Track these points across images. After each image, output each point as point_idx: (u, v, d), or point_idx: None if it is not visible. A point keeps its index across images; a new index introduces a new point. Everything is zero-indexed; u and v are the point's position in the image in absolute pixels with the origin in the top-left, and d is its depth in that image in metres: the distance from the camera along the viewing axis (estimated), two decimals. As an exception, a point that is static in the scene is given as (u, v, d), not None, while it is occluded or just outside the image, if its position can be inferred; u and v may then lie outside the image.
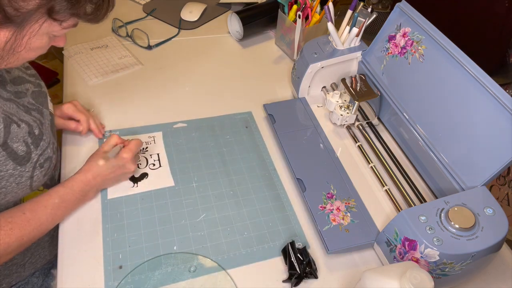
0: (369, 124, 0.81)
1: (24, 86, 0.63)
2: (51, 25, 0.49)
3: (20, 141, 0.56)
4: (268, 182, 0.73)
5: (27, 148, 0.57)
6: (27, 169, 0.57)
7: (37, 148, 0.59)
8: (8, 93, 0.58)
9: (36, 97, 0.64)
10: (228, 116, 0.84)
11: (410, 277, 0.45)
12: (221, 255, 0.62)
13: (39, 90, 0.65)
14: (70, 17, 0.50)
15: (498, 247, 0.55)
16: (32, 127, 0.58)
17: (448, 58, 0.65)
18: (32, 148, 0.58)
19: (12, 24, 0.47)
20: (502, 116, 0.58)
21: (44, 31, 0.50)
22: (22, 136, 0.56)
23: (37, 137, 0.59)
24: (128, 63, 0.94)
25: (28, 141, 0.57)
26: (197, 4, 1.12)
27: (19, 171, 0.56)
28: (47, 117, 0.63)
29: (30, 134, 0.58)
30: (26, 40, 0.49)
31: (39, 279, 0.73)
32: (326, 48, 0.81)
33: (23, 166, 0.57)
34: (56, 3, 0.47)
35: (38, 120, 0.60)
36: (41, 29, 0.49)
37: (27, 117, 0.58)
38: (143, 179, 0.70)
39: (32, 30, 0.49)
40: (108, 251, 0.61)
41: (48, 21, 0.49)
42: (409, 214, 0.57)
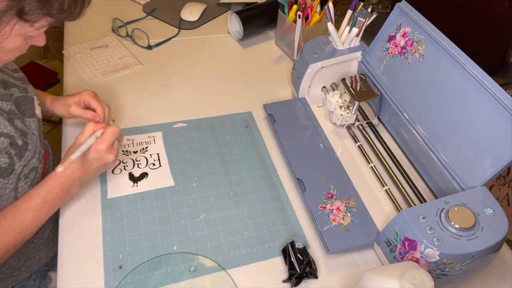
0: (369, 124, 0.81)
1: (9, 90, 0.61)
2: (22, 26, 0.48)
3: (2, 153, 0.54)
4: (268, 182, 0.73)
5: (10, 160, 0.55)
6: (10, 181, 0.56)
7: (21, 159, 0.57)
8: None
9: (20, 104, 0.62)
10: (228, 116, 0.84)
11: (410, 277, 0.45)
12: (221, 255, 0.62)
13: (25, 96, 0.63)
14: (42, 17, 0.48)
15: (498, 247, 0.55)
16: (13, 138, 0.56)
17: (448, 58, 0.65)
18: (16, 159, 0.56)
19: None
20: (502, 116, 0.58)
21: (16, 32, 0.48)
22: (4, 148, 0.55)
23: (21, 147, 0.57)
24: (128, 63, 0.94)
25: (11, 152, 0.56)
26: (197, 4, 1.12)
27: (1, 184, 0.55)
28: (30, 126, 0.61)
29: (12, 145, 0.56)
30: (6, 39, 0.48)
31: (36, 282, 0.72)
32: (326, 48, 0.81)
33: (6, 178, 0.55)
34: (25, 3, 0.45)
35: (20, 131, 0.58)
36: (13, 31, 0.48)
37: (8, 127, 0.56)
38: (143, 179, 0.70)
39: (4, 33, 0.47)
40: (108, 251, 0.61)
41: (19, 23, 0.47)
42: (409, 214, 0.57)
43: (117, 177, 0.70)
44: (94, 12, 1.06)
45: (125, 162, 0.72)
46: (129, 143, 0.76)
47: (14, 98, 0.61)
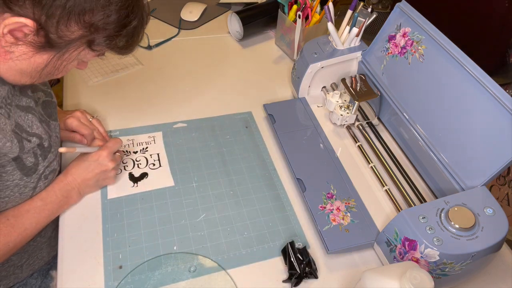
0: (369, 124, 0.81)
1: (37, 94, 0.64)
2: (86, 53, 0.52)
3: (30, 153, 0.57)
4: (268, 182, 0.73)
5: (35, 159, 0.57)
6: (32, 180, 0.58)
7: (45, 160, 0.59)
8: (28, 98, 0.59)
9: (46, 108, 0.64)
10: (228, 116, 0.84)
11: (410, 277, 0.45)
12: (221, 255, 0.62)
13: (50, 100, 0.66)
14: (106, 49, 0.53)
15: (498, 247, 0.55)
16: (42, 139, 0.59)
17: (448, 58, 0.65)
18: (40, 160, 0.58)
19: (53, 49, 0.50)
20: (502, 116, 0.58)
21: (79, 58, 0.53)
22: (32, 148, 0.57)
23: (46, 149, 0.59)
24: (128, 63, 0.94)
25: (37, 152, 0.58)
26: (197, 4, 1.12)
27: (24, 182, 0.57)
28: (54, 129, 0.64)
29: (39, 146, 0.58)
30: (64, 65, 0.52)
31: (38, 280, 0.72)
32: (326, 48, 0.81)
33: (29, 177, 0.57)
34: (96, 36, 0.50)
35: (47, 133, 0.61)
36: (78, 56, 0.52)
37: (40, 128, 0.59)
38: (143, 179, 0.70)
39: (70, 57, 0.52)
40: (108, 251, 0.61)
41: (86, 50, 0.52)
42: (409, 214, 0.57)
43: (117, 177, 0.70)
44: (94, 12, 1.06)
45: (125, 162, 0.72)
46: (129, 143, 0.76)
47: (41, 101, 0.63)
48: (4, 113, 0.53)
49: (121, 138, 0.76)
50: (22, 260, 0.68)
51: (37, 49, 0.49)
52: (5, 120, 0.53)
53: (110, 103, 0.84)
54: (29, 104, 0.59)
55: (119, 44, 0.53)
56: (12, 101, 0.56)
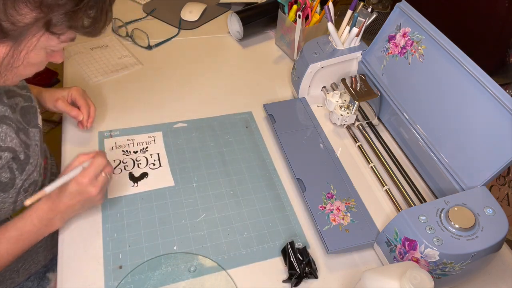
0: (369, 124, 0.81)
1: (15, 100, 0.60)
2: (48, 38, 0.48)
3: (4, 168, 0.53)
4: (268, 182, 0.73)
5: (11, 174, 0.54)
6: (10, 195, 0.55)
7: (22, 173, 0.56)
8: (4, 106, 0.55)
9: (24, 114, 0.61)
10: (228, 116, 0.84)
11: (410, 277, 0.45)
12: (221, 255, 0.62)
13: (29, 105, 0.62)
14: (68, 30, 0.48)
15: (498, 247, 0.55)
16: (16, 152, 0.55)
17: (448, 58, 0.65)
18: (17, 174, 0.55)
19: (8, 39, 0.46)
20: (502, 116, 0.58)
21: (41, 45, 0.48)
22: (6, 163, 0.54)
23: (22, 162, 0.56)
24: (128, 63, 0.94)
25: (13, 167, 0.54)
26: (197, 4, 1.12)
27: (1, 198, 0.54)
28: (34, 137, 0.60)
29: (14, 160, 0.55)
30: (23, 54, 0.48)
31: (34, 283, 0.72)
32: (326, 48, 0.81)
33: (6, 193, 0.54)
34: (53, 16, 0.45)
35: (24, 143, 0.57)
36: (39, 43, 0.48)
37: (15, 140, 0.55)
38: (143, 179, 0.70)
39: (30, 45, 0.47)
40: (108, 251, 0.61)
41: (45, 35, 0.47)
42: (409, 214, 0.57)
43: (117, 177, 0.70)
44: (94, 12, 1.06)
45: (125, 162, 0.72)
46: (129, 143, 0.76)
47: (20, 108, 0.60)
48: None
49: (121, 138, 0.76)
50: (19, 265, 0.68)
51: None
52: None
53: (110, 103, 0.84)
54: (4, 113, 0.55)
55: (84, 23, 0.48)
56: None
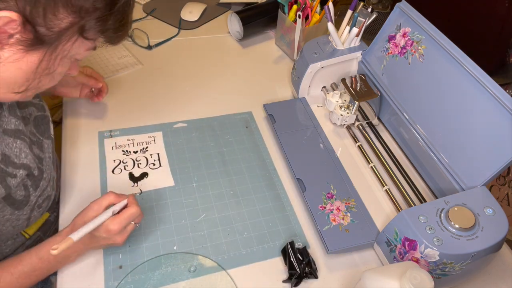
0: (369, 124, 0.81)
1: (28, 110, 0.58)
2: (79, 45, 0.47)
3: (19, 186, 0.52)
4: (268, 182, 0.72)
5: (25, 191, 0.53)
6: (24, 212, 0.54)
7: (37, 189, 0.54)
8: (17, 120, 0.53)
9: (38, 125, 0.59)
10: (228, 116, 0.84)
11: (410, 277, 0.45)
12: (221, 255, 0.62)
13: (42, 115, 0.61)
14: (98, 36, 0.48)
15: (498, 247, 0.55)
16: (31, 168, 0.53)
17: (448, 58, 0.65)
18: (31, 190, 0.54)
19: (43, 46, 0.44)
20: (502, 116, 0.58)
21: (72, 52, 0.47)
22: (21, 181, 0.52)
23: (36, 178, 0.54)
24: (128, 63, 0.94)
25: (27, 184, 0.53)
26: (197, 4, 1.12)
27: (16, 215, 0.53)
28: (47, 149, 0.59)
29: (29, 176, 0.53)
30: (57, 63, 0.47)
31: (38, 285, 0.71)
32: (326, 48, 0.81)
33: (21, 210, 0.53)
34: (87, 20, 0.45)
35: (37, 158, 0.55)
36: (72, 49, 0.47)
37: (29, 156, 0.53)
38: (143, 178, 0.70)
39: (64, 51, 0.46)
40: (108, 251, 0.61)
41: (78, 40, 0.46)
42: (409, 214, 0.57)
43: (117, 177, 0.70)
44: (94, 12, 1.06)
45: (125, 162, 0.72)
46: (129, 143, 0.76)
47: (33, 118, 0.58)
48: None
49: (121, 138, 0.76)
50: None
51: (26, 49, 0.43)
52: None
53: (110, 103, 0.84)
54: (18, 126, 0.53)
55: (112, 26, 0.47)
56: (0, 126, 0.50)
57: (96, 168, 0.71)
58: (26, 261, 0.54)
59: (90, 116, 0.81)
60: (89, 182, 0.69)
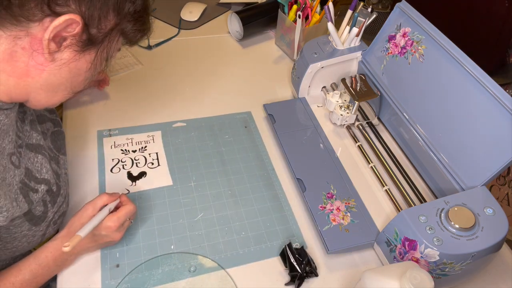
0: (369, 124, 0.81)
1: (45, 125, 0.58)
2: (118, 45, 0.50)
3: (39, 201, 0.52)
4: (266, 182, 0.72)
5: (44, 207, 0.53)
6: (41, 228, 0.53)
7: (54, 205, 0.54)
8: (39, 135, 0.54)
9: (55, 140, 0.59)
10: (228, 116, 0.83)
11: (410, 277, 0.45)
12: (219, 254, 0.62)
13: (58, 130, 0.61)
14: (135, 34, 0.50)
15: (498, 247, 0.55)
16: (50, 184, 0.53)
17: (448, 58, 0.65)
18: (49, 206, 0.54)
19: (94, 46, 0.47)
20: (502, 116, 0.58)
21: (113, 51, 0.50)
22: (41, 196, 0.52)
23: (55, 194, 0.54)
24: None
25: (46, 199, 0.53)
26: (197, 4, 1.12)
27: (33, 231, 0.52)
28: (63, 165, 0.59)
29: (48, 192, 0.53)
30: (103, 63, 0.49)
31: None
32: (326, 48, 0.81)
33: (38, 226, 0.53)
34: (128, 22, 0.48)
35: (55, 174, 0.55)
36: (115, 48, 0.49)
37: (50, 171, 0.53)
38: (141, 178, 0.70)
39: (110, 50, 0.49)
40: (105, 249, 0.60)
41: (120, 39, 0.49)
42: (409, 214, 0.56)
43: (116, 176, 0.70)
44: (94, 12, 1.06)
45: (124, 161, 0.72)
46: (128, 142, 0.75)
47: (50, 133, 0.58)
48: (15, 160, 0.47)
49: (120, 137, 0.76)
50: None
51: (80, 50, 0.45)
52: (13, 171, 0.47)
53: (109, 103, 0.83)
54: (39, 141, 0.53)
55: (145, 26, 0.51)
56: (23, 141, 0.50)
57: (95, 167, 0.71)
58: (25, 269, 0.53)
59: (90, 115, 0.80)
60: (87, 181, 0.69)
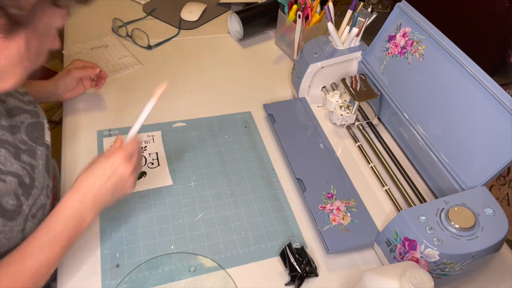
0: (369, 124, 0.80)
1: (20, 118, 0.56)
2: (53, 15, 0.45)
3: (9, 194, 0.50)
4: (266, 182, 0.72)
5: (17, 201, 0.50)
6: (18, 223, 0.51)
7: (29, 198, 0.52)
8: (1, 130, 0.52)
9: (31, 131, 0.57)
10: (228, 116, 0.83)
11: (410, 277, 0.45)
12: (218, 254, 0.62)
13: (36, 121, 0.59)
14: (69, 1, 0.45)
15: (498, 247, 0.55)
16: (21, 176, 0.51)
17: (448, 58, 0.65)
18: (23, 199, 0.51)
19: (21, 28, 0.42)
20: (502, 116, 0.58)
21: (51, 24, 0.46)
22: (11, 189, 0.50)
23: (28, 186, 0.52)
24: (128, 63, 0.94)
25: (18, 192, 0.51)
26: (197, 4, 1.12)
27: (9, 227, 0.50)
28: (41, 156, 0.57)
29: (21, 185, 0.51)
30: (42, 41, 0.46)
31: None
32: (326, 48, 0.81)
33: (14, 221, 0.50)
34: None
35: (28, 165, 0.53)
36: (50, 21, 0.45)
37: (15, 165, 0.51)
38: (141, 177, 0.70)
39: (45, 26, 0.45)
40: (105, 249, 0.60)
41: (52, 10, 0.44)
42: (409, 214, 0.56)
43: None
44: (94, 12, 1.06)
45: (124, 161, 0.72)
46: (128, 142, 0.75)
47: (26, 125, 0.57)
48: None
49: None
50: None
51: (6, 36, 0.41)
52: None
53: (109, 102, 0.83)
54: (2, 136, 0.51)
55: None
56: None
57: (95, 167, 0.71)
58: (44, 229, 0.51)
59: (90, 115, 0.80)
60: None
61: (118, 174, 0.54)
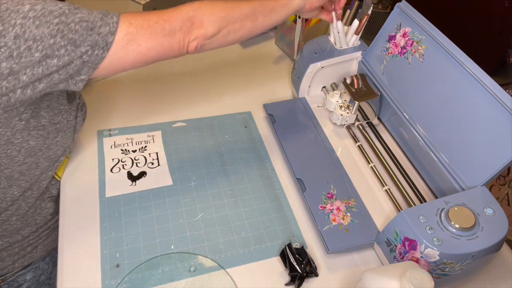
0: (369, 124, 0.81)
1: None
2: None
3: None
4: (266, 182, 0.72)
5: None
6: (73, 108, 0.62)
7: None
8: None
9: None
10: (228, 116, 0.83)
11: (410, 277, 0.45)
12: (218, 254, 0.62)
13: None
14: None
15: (498, 247, 0.55)
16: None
17: (448, 58, 0.65)
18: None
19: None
20: (502, 116, 0.58)
21: None
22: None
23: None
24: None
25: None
26: (197, 4, 1.11)
27: (68, 107, 0.60)
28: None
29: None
30: None
31: (50, 266, 0.73)
32: (326, 48, 0.81)
33: (71, 104, 0.61)
34: None
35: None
36: None
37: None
38: (141, 177, 0.70)
39: None
40: (105, 249, 0.60)
41: None
42: (409, 214, 0.56)
43: (116, 175, 0.70)
44: (94, 12, 1.06)
45: (124, 161, 0.72)
46: (128, 142, 0.75)
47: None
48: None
49: (120, 137, 0.76)
50: (39, 241, 0.69)
51: None
52: None
53: (109, 102, 0.83)
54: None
55: None
56: None
57: (95, 166, 0.71)
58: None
59: (90, 115, 0.80)
60: (87, 181, 0.68)
61: None
